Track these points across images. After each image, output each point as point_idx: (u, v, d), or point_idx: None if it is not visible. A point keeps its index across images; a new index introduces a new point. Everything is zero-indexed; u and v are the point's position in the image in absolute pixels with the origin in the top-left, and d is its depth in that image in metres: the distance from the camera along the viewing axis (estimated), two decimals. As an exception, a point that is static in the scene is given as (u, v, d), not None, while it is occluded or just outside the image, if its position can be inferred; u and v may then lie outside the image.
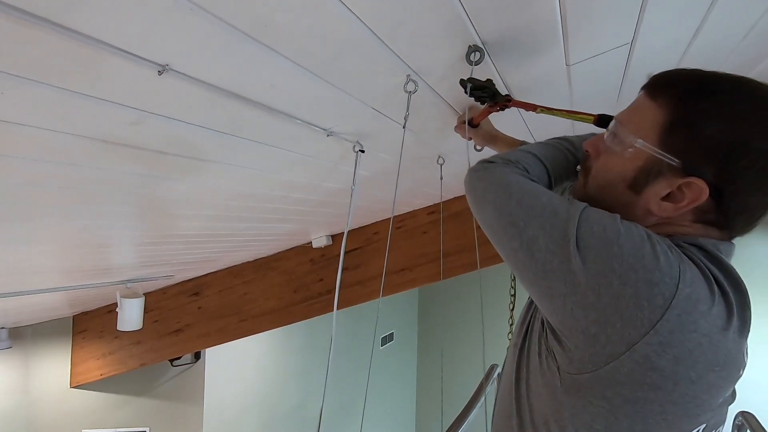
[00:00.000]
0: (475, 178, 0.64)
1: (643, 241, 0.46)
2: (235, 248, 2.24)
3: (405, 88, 0.85)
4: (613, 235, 0.47)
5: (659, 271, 0.44)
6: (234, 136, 0.94)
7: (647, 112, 0.53)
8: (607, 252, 0.46)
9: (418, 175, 1.67)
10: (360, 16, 0.62)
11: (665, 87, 0.53)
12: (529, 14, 0.71)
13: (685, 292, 0.44)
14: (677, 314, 0.43)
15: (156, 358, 2.84)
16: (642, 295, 0.44)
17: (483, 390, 1.73)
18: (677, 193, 0.51)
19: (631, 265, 0.45)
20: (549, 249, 0.49)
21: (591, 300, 0.46)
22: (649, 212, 0.54)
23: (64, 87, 0.62)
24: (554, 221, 0.51)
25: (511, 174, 0.61)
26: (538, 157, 0.69)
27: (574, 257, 0.47)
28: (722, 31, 0.93)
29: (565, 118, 0.85)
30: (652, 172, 0.52)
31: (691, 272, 0.46)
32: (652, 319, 0.43)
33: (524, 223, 0.53)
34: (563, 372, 0.50)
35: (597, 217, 0.50)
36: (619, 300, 0.44)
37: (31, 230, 1.23)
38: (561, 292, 0.48)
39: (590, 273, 0.46)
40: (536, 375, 0.55)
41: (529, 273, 0.52)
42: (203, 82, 0.70)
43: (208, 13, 0.54)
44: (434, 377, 6.03)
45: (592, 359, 0.47)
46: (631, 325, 0.44)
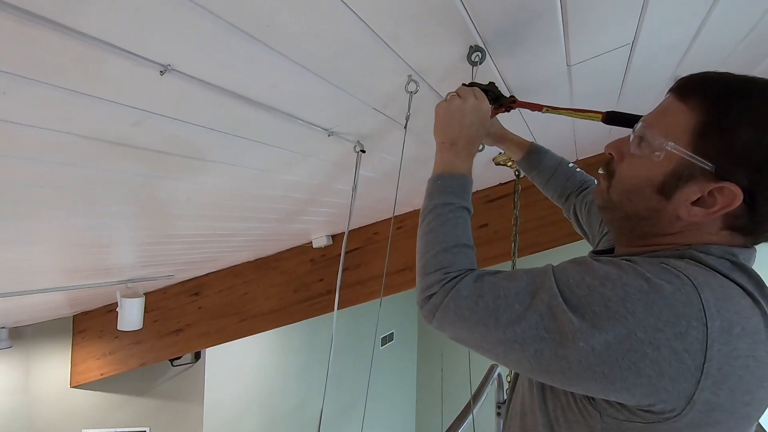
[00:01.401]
0: (436, 326, 0.57)
1: (650, 294, 0.44)
2: (236, 248, 2.24)
3: (406, 89, 0.86)
4: (618, 304, 0.45)
5: (684, 318, 0.43)
6: (235, 136, 0.94)
7: (678, 114, 0.52)
8: (624, 325, 0.44)
9: (419, 175, 1.67)
10: (361, 16, 0.62)
11: (696, 89, 0.52)
12: (530, 14, 0.71)
13: (716, 326, 0.43)
14: (717, 349, 0.43)
15: (156, 357, 2.84)
16: (679, 349, 0.43)
17: (483, 390, 1.74)
18: (708, 198, 0.50)
19: (653, 326, 0.43)
20: (558, 355, 0.47)
21: (632, 380, 0.44)
22: (677, 217, 0.53)
23: (66, 87, 0.62)
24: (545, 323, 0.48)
25: (459, 300, 0.54)
26: (451, 246, 0.61)
27: (595, 342, 0.45)
28: (722, 32, 0.93)
29: (570, 117, 0.84)
30: (683, 176, 0.51)
31: (714, 297, 0.44)
32: (698, 365, 0.42)
33: (520, 340, 0.49)
34: (606, 416, 0.49)
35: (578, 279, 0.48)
36: (660, 364, 0.43)
37: (32, 230, 1.23)
38: (594, 389, 0.47)
39: (619, 354, 0.44)
40: (566, 411, 0.54)
41: (556, 376, 0.48)
42: (205, 82, 0.70)
43: (211, 13, 0.54)
44: (434, 377, 6.03)
45: (645, 417, 0.46)
46: (683, 379, 0.43)
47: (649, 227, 0.55)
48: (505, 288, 0.52)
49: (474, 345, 0.54)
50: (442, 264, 0.59)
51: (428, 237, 0.64)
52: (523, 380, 0.66)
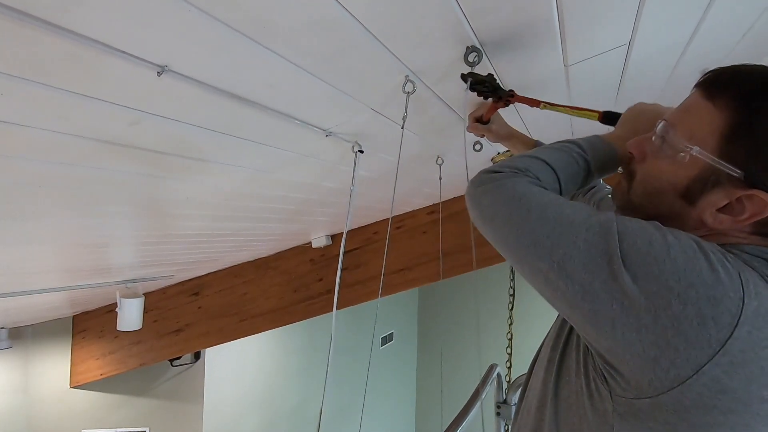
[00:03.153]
0: (480, 192, 0.56)
1: (696, 252, 0.42)
2: (235, 248, 2.24)
3: (404, 89, 0.86)
4: (663, 249, 0.42)
5: (722, 285, 0.40)
6: (233, 136, 0.94)
7: (704, 115, 0.48)
8: (660, 268, 0.41)
9: (417, 175, 1.67)
10: (358, 17, 0.62)
11: (725, 87, 0.48)
12: (527, 15, 0.71)
13: (752, 306, 0.40)
14: (747, 331, 0.40)
15: (156, 357, 2.85)
16: (707, 314, 0.40)
17: (482, 390, 1.74)
18: (736, 204, 0.47)
19: (689, 281, 0.40)
20: (588, 269, 0.44)
21: (646, 322, 0.41)
22: (702, 224, 0.50)
23: (64, 87, 0.63)
24: (588, 236, 0.45)
25: (523, 184, 0.54)
26: (547, 163, 0.60)
27: (621, 275, 0.42)
28: (720, 32, 0.94)
29: (567, 114, 0.84)
30: (709, 181, 0.48)
31: (754, 282, 0.42)
32: (720, 339, 0.39)
33: (551, 241, 0.47)
34: (616, 396, 0.46)
35: (637, 227, 0.45)
36: (681, 321, 0.40)
37: (31, 230, 1.23)
38: (608, 315, 0.43)
39: (643, 293, 0.41)
40: (579, 396, 0.52)
41: (565, 296, 0.46)
42: (202, 82, 0.70)
43: (207, 14, 0.55)
44: (434, 377, 6.04)
45: (653, 384, 0.43)
46: (698, 346, 0.40)
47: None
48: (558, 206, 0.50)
49: (504, 218, 0.52)
50: (526, 164, 0.58)
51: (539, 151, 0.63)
52: (538, 374, 0.63)
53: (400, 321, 5.80)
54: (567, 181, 0.61)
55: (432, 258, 2.26)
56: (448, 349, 5.78)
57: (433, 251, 2.25)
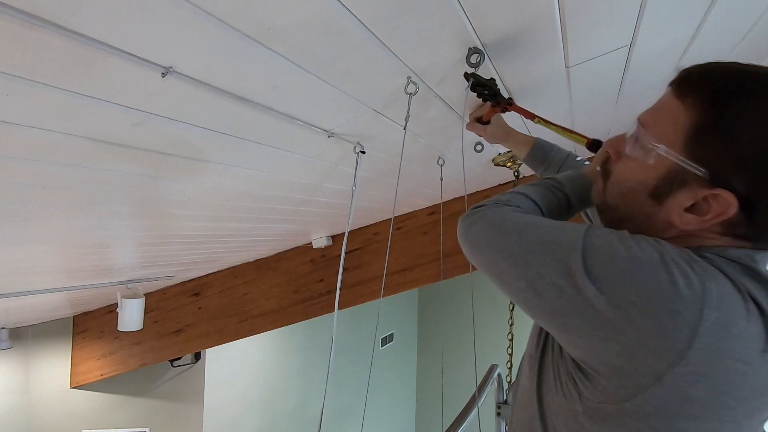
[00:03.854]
0: (468, 224, 0.60)
1: (658, 265, 0.43)
2: (236, 248, 2.24)
3: (406, 90, 0.86)
4: (625, 263, 0.44)
5: (680, 297, 0.41)
6: (235, 137, 0.95)
7: (673, 113, 0.48)
8: (622, 283, 0.43)
9: (419, 176, 1.67)
10: (360, 18, 0.62)
11: (695, 85, 0.47)
12: (529, 16, 0.71)
13: (712, 317, 0.40)
14: (707, 342, 0.40)
15: (156, 358, 2.85)
16: (666, 326, 0.41)
17: (483, 390, 1.74)
18: (702, 204, 0.47)
19: (649, 294, 0.42)
20: (555, 286, 0.46)
21: (612, 334, 0.43)
22: (670, 224, 0.50)
23: (67, 88, 0.63)
24: (556, 254, 0.47)
25: (503, 213, 0.58)
26: (527, 195, 0.65)
27: (587, 290, 0.44)
28: (721, 33, 0.94)
29: (559, 134, 0.85)
30: (676, 181, 0.48)
31: (718, 291, 0.42)
32: (679, 350, 0.40)
33: (525, 261, 0.50)
34: (585, 399, 0.48)
35: (603, 242, 0.46)
36: (643, 332, 0.41)
37: (33, 230, 1.24)
38: (577, 326, 0.45)
39: (607, 306, 0.43)
40: (556, 395, 0.53)
41: (540, 311, 0.49)
42: (206, 83, 0.71)
43: (212, 15, 0.55)
44: (434, 377, 6.04)
45: (618, 392, 0.44)
46: (658, 356, 0.41)
47: (643, 232, 0.51)
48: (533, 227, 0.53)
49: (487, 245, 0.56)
50: (508, 198, 0.63)
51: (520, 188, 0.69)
52: (524, 370, 0.65)
53: (401, 321, 5.80)
54: (548, 211, 0.66)
55: (432, 258, 2.26)
56: (448, 350, 5.78)
57: (434, 252, 2.25)
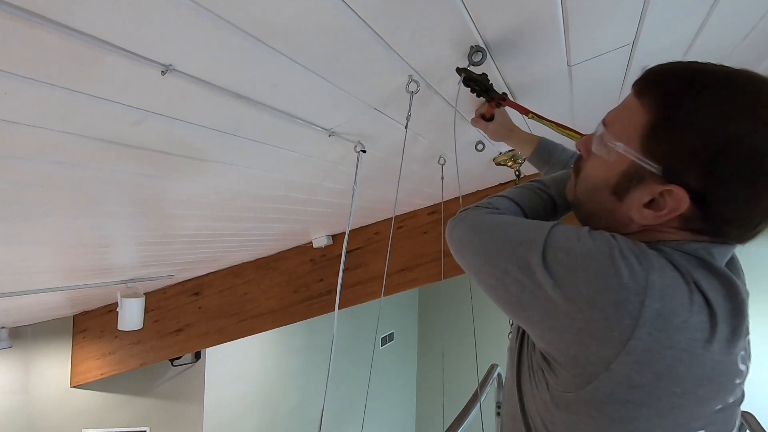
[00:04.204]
0: (452, 228, 0.64)
1: (607, 259, 0.46)
2: (236, 248, 2.24)
3: (407, 89, 0.86)
4: (578, 260, 0.47)
5: (624, 289, 0.44)
6: (235, 135, 0.94)
7: (632, 112, 0.50)
8: (573, 277, 0.46)
9: (419, 176, 1.67)
10: (362, 16, 0.62)
11: (650, 85, 0.50)
12: (531, 15, 0.71)
13: (652, 309, 0.43)
14: (647, 332, 0.43)
15: (156, 357, 2.84)
16: (611, 317, 0.44)
17: (483, 389, 1.74)
18: (659, 200, 0.48)
19: (596, 287, 0.45)
20: (518, 281, 0.50)
21: (566, 324, 0.46)
22: (630, 219, 0.52)
23: (67, 87, 0.63)
24: (520, 252, 0.51)
25: (480, 215, 0.62)
26: (509, 198, 0.69)
27: (546, 285, 0.47)
28: (723, 32, 0.93)
29: (553, 130, 0.85)
30: (634, 177, 0.50)
31: (662, 282, 0.44)
32: (623, 339, 0.43)
33: (495, 259, 0.54)
34: (551, 387, 0.51)
35: (563, 239, 0.50)
36: (591, 323, 0.45)
37: (33, 230, 1.23)
38: (537, 319, 0.49)
39: (562, 299, 0.46)
40: (530, 385, 0.56)
41: (508, 306, 0.53)
42: (206, 82, 0.70)
43: (212, 13, 0.54)
44: (434, 377, 6.04)
45: (574, 380, 0.48)
46: (605, 345, 0.44)
47: (609, 227, 0.53)
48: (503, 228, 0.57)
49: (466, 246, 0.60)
50: (489, 201, 0.68)
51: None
52: (507, 364, 0.67)
53: (401, 321, 5.80)
54: (532, 212, 0.69)
55: (433, 258, 2.26)
56: (448, 349, 5.78)
57: (434, 251, 2.25)
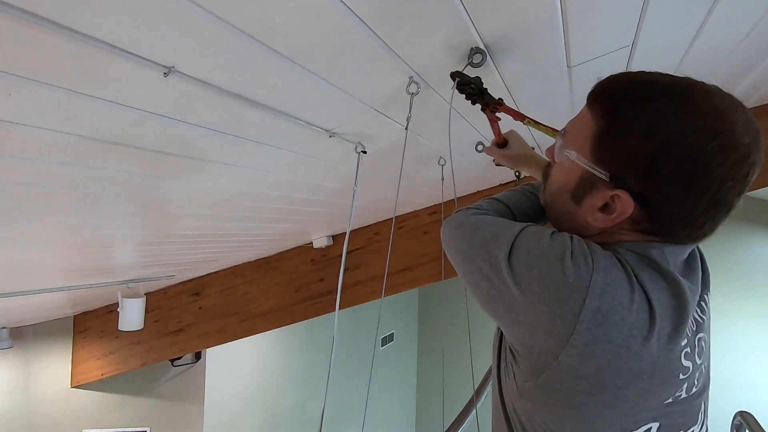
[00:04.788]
0: (442, 227, 0.68)
1: (557, 259, 0.49)
2: (236, 248, 2.24)
3: (407, 90, 0.86)
4: (535, 258, 0.50)
5: (568, 287, 0.47)
6: (236, 136, 0.95)
7: (584, 122, 0.53)
8: (529, 274, 0.50)
9: (420, 176, 1.67)
10: (362, 17, 0.62)
11: (598, 95, 0.53)
12: (531, 16, 0.71)
13: (592, 306, 0.46)
14: (586, 328, 0.46)
15: (157, 357, 2.85)
16: (556, 312, 0.47)
17: (483, 389, 1.74)
18: (611, 204, 0.51)
19: (545, 284, 0.48)
20: (487, 277, 0.54)
21: (521, 317, 0.50)
22: (587, 222, 0.55)
23: (69, 88, 0.63)
24: (490, 250, 0.54)
25: (466, 216, 0.65)
26: (499, 200, 0.73)
27: (508, 281, 0.51)
28: (722, 32, 0.94)
29: (549, 135, 0.83)
30: (588, 183, 0.53)
31: (604, 282, 0.47)
32: (566, 333, 0.46)
33: (471, 256, 0.57)
34: (516, 377, 0.55)
35: (527, 240, 0.53)
36: (540, 317, 0.48)
37: (33, 230, 1.23)
38: (502, 312, 0.53)
39: (518, 294, 0.50)
40: (506, 376, 0.59)
41: (481, 300, 0.56)
42: (207, 83, 0.71)
43: (214, 15, 0.55)
44: (434, 377, 6.04)
45: (531, 369, 0.51)
46: (553, 338, 0.48)
47: (571, 230, 0.56)
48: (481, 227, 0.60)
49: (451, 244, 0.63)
50: (479, 203, 0.71)
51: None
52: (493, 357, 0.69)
53: (401, 321, 5.80)
54: (521, 214, 0.72)
55: (433, 258, 2.26)
56: (448, 349, 5.78)
57: (435, 251, 2.25)
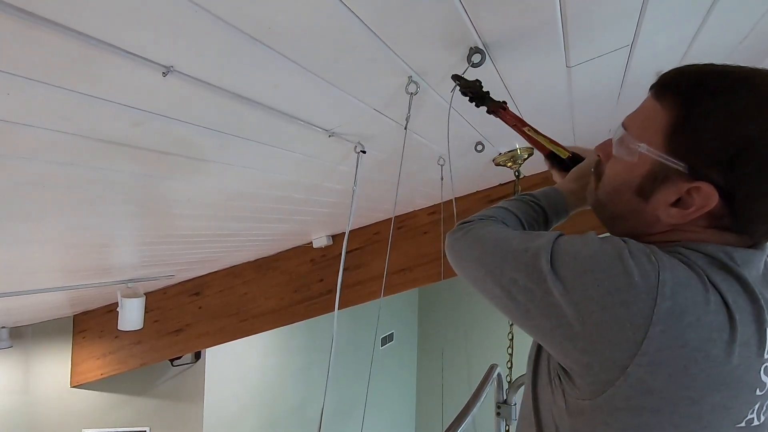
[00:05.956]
0: (453, 240, 0.65)
1: (615, 259, 0.46)
2: (236, 248, 2.24)
3: (407, 90, 0.86)
4: (585, 262, 0.47)
5: (634, 288, 0.44)
6: (236, 136, 0.95)
7: (651, 114, 0.51)
8: (582, 281, 0.46)
9: (419, 176, 1.67)
10: (362, 17, 0.62)
11: (669, 86, 0.51)
12: (530, 16, 0.71)
13: (665, 306, 0.43)
14: (660, 330, 0.42)
15: (156, 357, 2.85)
16: (622, 317, 0.43)
17: (483, 390, 1.74)
18: (686, 198, 0.49)
19: (605, 288, 0.45)
20: (527, 289, 0.50)
21: (577, 331, 0.46)
22: (657, 219, 0.52)
23: (68, 88, 0.63)
24: (527, 260, 0.51)
25: (486, 227, 0.62)
26: (510, 210, 0.71)
27: (554, 291, 0.47)
28: (722, 33, 0.94)
29: (546, 146, 0.83)
30: (659, 177, 0.50)
31: (673, 281, 0.44)
32: (636, 340, 0.43)
33: (500, 269, 0.54)
34: (567, 394, 0.51)
35: (569, 245, 0.50)
36: (603, 326, 0.44)
37: (33, 230, 1.23)
38: (547, 327, 0.49)
39: (571, 304, 0.46)
40: (547, 390, 0.56)
41: (516, 316, 0.53)
42: (207, 83, 0.71)
43: (213, 15, 0.55)
44: (434, 377, 6.04)
45: (590, 387, 0.47)
46: (619, 348, 0.43)
47: (633, 228, 0.54)
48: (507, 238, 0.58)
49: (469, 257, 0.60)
50: (493, 213, 0.69)
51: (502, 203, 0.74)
52: (528, 370, 0.66)
53: (401, 321, 5.80)
54: (529, 223, 0.71)
55: (433, 258, 2.26)
56: (448, 349, 5.79)
57: (434, 251, 2.25)
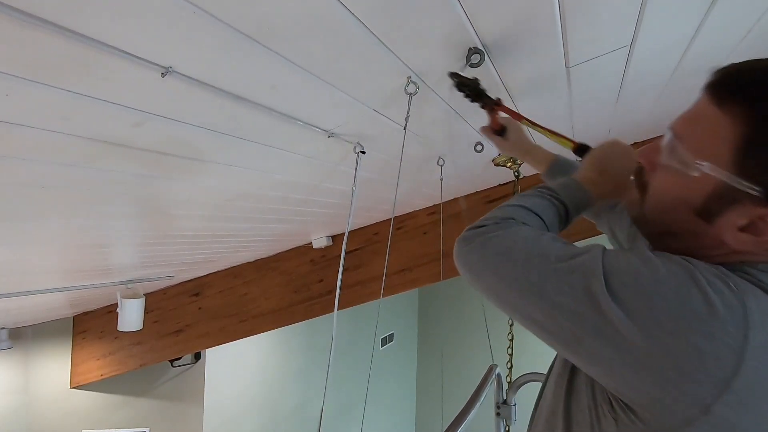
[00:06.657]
0: (467, 251, 0.55)
1: (688, 282, 0.39)
2: (236, 248, 2.24)
3: (406, 90, 0.86)
4: (652, 284, 0.40)
5: (718, 319, 0.37)
6: (235, 137, 0.95)
7: (713, 124, 0.42)
8: (648, 305, 0.39)
9: (419, 176, 1.67)
10: (360, 17, 0.62)
11: (736, 92, 0.42)
12: (529, 16, 0.71)
13: (758, 340, 0.37)
14: (754, 366, 0.37)
15: (156, 358, 2.85)
16: (705, 351, 0.37)
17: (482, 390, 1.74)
18: (759, 223, 0.42)
19: (681, 316, 0.38)
20: (576, 313, 0.42)
21: (643, 361, 0.39)
22: (722, 243, 0.45)
23: (67, 89, 0.63)
24: (574, 281, 0.43)
25: (507, 236, 0.52)
26: (530, 209, 0.60)
27: (612, 316, 0.40)
28: (721, 33, 0.94)
29: (546, 137, 0.84)
30: (725, 199, 0.43)
31: (759, 309, 0.38)
32: (725, 378, 0.37)
33: (539, 290, 0.45)
34: (622, 424, 0.44)
35: (623, 262, 0.43)
36: (678, 358, 0.38)
37: (33, 230, 1.23)
38: (605, 357, 0.41)
39: (636, 331, 0.39)
40: (588, 415, 0.49)
41: (558, 342, 0.45)
42: (206, 84, 0.71)
43: (211, 16, 0.55)
44: (434, 377, 6.04)
45: (661, 422, 0.40)
46: (700, 385, 0.37)
47: (689, 248, 0.47)
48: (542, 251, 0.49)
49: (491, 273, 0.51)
50: (510, 213, 0.57)
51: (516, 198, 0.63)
52: (551, 386, 0.61)
53: (400, 322, 5.80)
54: (551, 223, 0.61)
55: (432, 258, 2.26)
56: (448, 350, 5.78)
57: (434, 252, 2.25)
